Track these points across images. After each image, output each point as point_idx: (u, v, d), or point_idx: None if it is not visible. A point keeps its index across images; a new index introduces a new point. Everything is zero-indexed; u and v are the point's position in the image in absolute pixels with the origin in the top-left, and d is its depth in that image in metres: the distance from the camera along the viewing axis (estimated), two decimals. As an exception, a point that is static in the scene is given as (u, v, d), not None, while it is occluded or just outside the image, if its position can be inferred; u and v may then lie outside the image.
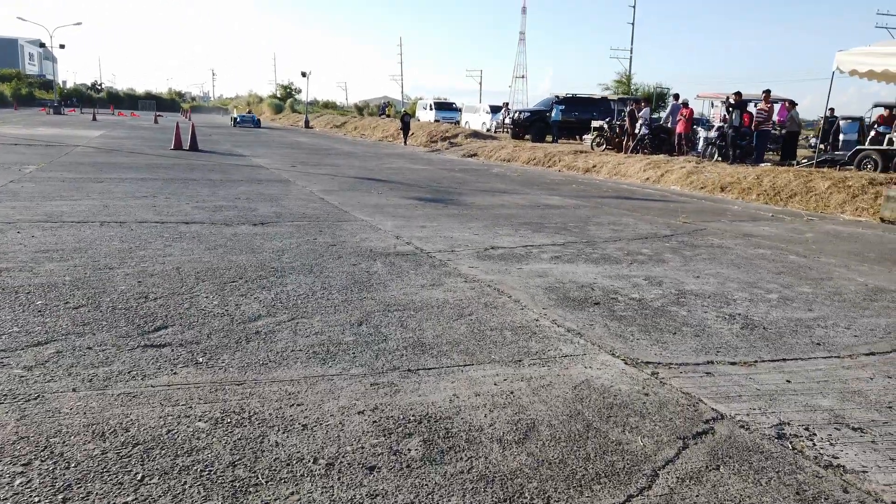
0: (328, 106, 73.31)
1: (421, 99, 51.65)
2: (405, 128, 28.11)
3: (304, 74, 43.43)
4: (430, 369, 3.05)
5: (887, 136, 13.73)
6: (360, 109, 62.12)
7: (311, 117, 46.99)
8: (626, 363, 3.27)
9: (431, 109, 41.98)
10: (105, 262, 4.70)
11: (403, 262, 5.25)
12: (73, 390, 2.65)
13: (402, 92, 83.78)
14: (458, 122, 37.07)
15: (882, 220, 9.39)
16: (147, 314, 3.63)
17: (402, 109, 31.06)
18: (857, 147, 14.05)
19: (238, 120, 40.54)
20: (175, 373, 2.88)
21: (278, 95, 72.11)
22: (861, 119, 19.65)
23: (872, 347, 3.68)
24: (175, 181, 10.06)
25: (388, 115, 44.20)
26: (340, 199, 9.04)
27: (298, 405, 2.62)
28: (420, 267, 5.12)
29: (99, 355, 3.02)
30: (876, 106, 20.95)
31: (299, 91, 70.54)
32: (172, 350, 3.14)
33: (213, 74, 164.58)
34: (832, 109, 18.60)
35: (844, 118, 20.66)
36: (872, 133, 15.89)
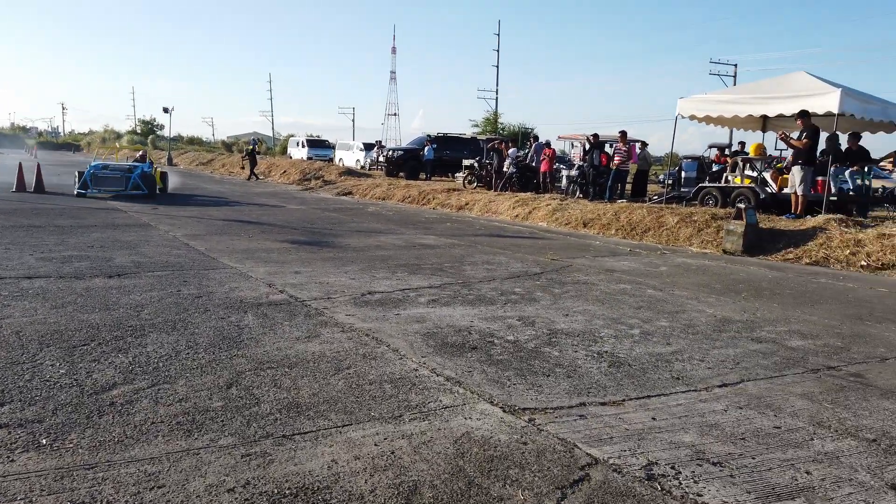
0: (193, 142, 70.27)
1: (293, 136, 50.95)
2: (252, 162, 27.48)
3: (166, 110, 41.47)
4: (306, 433, 2.92)
5: (724, 175, 15.23)
6: (229, 146, 60.14)
7: (174, 154, 44.80)
8: (504, 411, 3.31)
9: (304, 147, 41.49)
10: (-74, 330, 4.12)
11: (277, 313, 5.05)
12: None
13: (272, 128, 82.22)
14: (331, 160, 36.91)
15: (724, 251, 10.33)
16: (-22, 390, 3.20)
17: (250, 147, 30.39)
18: (700, 185, 15.45)
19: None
20: (12, 460, 2.54)
21: (138, 131, 68.16)
22: (700, 158, 21.70)
23: (724, 379, 3.98)
24: (16, 228, 9.12)
25: (259, 153, 43.06)
26: (207, 244, 8.60)
27: (159, 487, 2.39)
28: (294, 318, 4.95)
29: (-85, 446, 2.61)
30: (711, 146, 23.30)
31: (162, 127, 67.15)
32: (10, 432, 2.78)
33: (64, 108, 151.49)
34: (742, 143, 18.26)
35: (685, 157, 22.77)
36: (716, 169, 17.56)
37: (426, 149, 25.49)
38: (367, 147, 36.10)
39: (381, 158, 29.60)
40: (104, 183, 15.61)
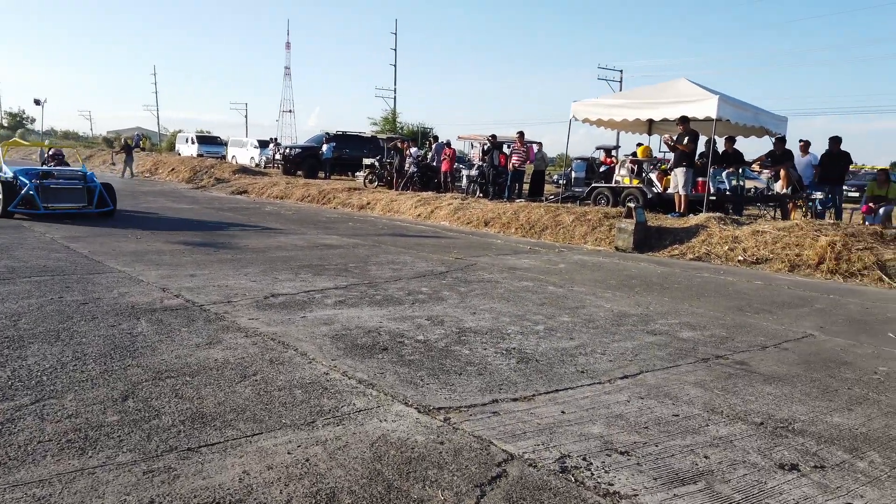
0: (69, 136, 65.36)
1: (181, 132, 48.50)
2: (129, 158, 25.90)
3: (38, 102, 38.26)
4: (213, 445, 2.77)
5: (614, 177, 15.99)
6: (110, 141, 56.37)
7: (46, 150, 41.42)
8: (419, 411, 3.29)
9: (194, 143, 39.64)
10: None
11: (173, 319, 4.77)
12: None
13: (158, 123, 77.88)
14: (223, 157, 35.44)
15: (616, 248, 10.85)
16: None
17: (131, 141, 28.90)
18: (594, 185, 16.12)
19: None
20: None
21: (5, 125, 62.54)
22: (590, 159, 22.69)
23: (625, 371, 4.17)
24: None
25: (144, 149, 40.69)
26: (91, 246, 8.01)
27: (51, 513, 2.19)
28: (193, 323, 4.70)
29: None
30: (598, 148, 24.42)
31: (33, 120, 62.00)
32: None
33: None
34: (640, 144, 17.68)
35: (576, 158, 23.71)
36: (603, 169, 18.37)
37: (325, 147, 25.02)
38: (263, 144, 34.94)
39: (277, 156, 28.78)
40: (60, 198, 11.20)
